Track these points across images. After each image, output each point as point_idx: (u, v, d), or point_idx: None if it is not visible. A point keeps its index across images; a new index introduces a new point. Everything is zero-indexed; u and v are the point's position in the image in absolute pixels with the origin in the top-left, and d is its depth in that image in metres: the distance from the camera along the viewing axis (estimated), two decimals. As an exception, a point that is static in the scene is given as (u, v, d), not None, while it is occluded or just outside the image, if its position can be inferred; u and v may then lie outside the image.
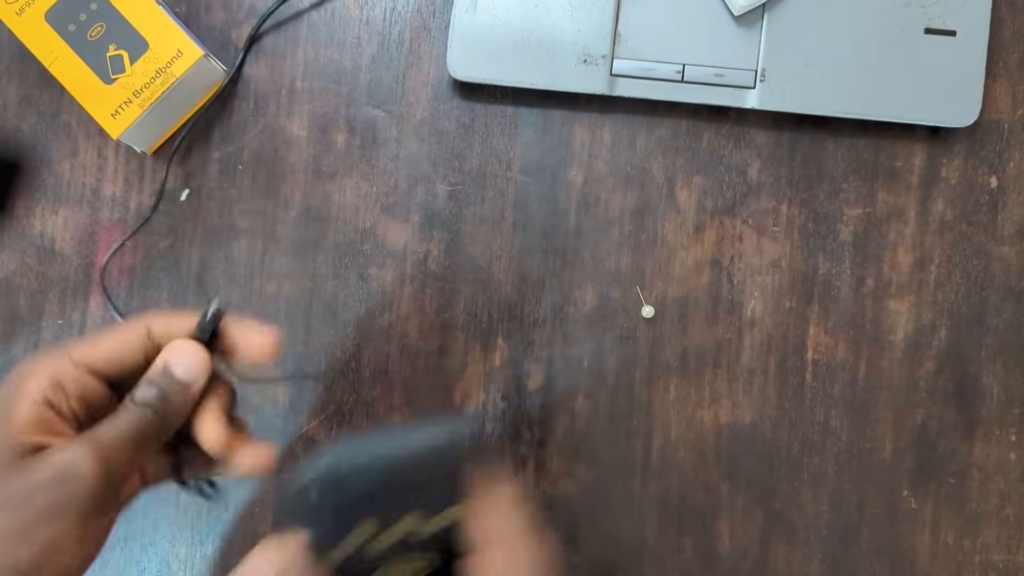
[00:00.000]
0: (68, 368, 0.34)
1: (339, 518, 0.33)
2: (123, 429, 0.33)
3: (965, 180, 0.50)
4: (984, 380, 0.50)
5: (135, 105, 0.46)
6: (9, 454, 0.32)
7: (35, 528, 0.31)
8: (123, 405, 0.34)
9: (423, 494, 0.33)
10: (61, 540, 0.32)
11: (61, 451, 0.32)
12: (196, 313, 0.36)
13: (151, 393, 0.34)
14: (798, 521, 0.50)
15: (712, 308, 0.50)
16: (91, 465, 0.32)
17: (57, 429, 0.33)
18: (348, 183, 0.50)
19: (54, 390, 0.34)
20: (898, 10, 0.48)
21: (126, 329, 0.36)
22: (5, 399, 0.34)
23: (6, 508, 0.31)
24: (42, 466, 0.32)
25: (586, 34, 0.48)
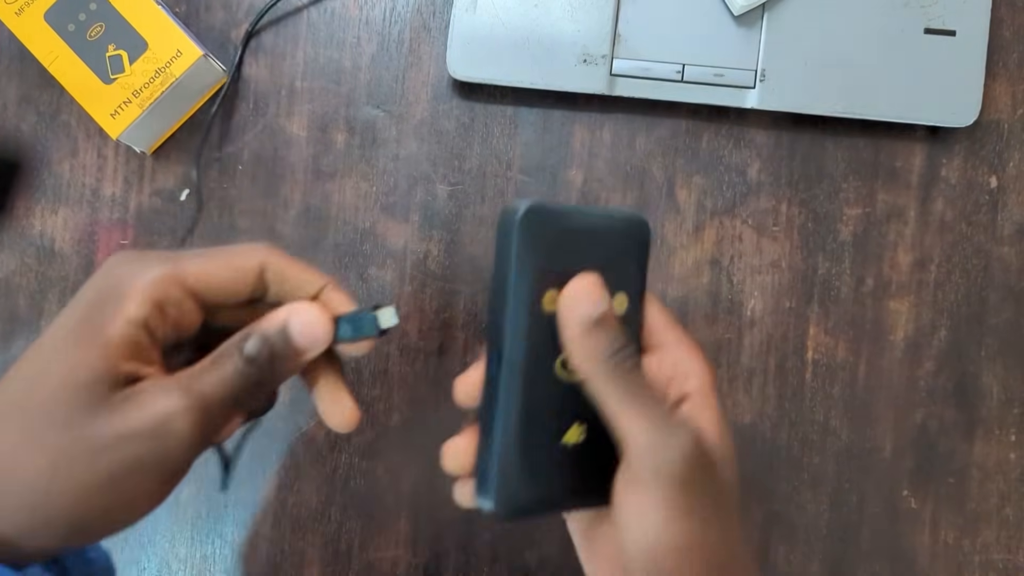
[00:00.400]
0: (175, 290, 0.30)
1: (532, 253, 0.31)
2: (226, 380, 0.30)
3: (965, 180, 0.50)
4: (984, 380, 0.50)
5: (134, 105, 0.46)
6: (100, 384, 0.28)
7: (117, 480, 0.28)
8: (224, 354, 0.30)
9: (611, 266, 0.33)
10: (138, 495, 0.29)
11: (158, 398, 0.29)
12: (311, 267, 0.33)
13: (261, 350, 0.31)
14: (798, 521, 0.50)
15: (712, 308, 0.50)
16: (190, 422, 0.29)
17: (148, 357, 0.30)
18: (348, 183, 0.50)
19: (154, 312, 0.30)
20: (898, 10, 0.48)
21: (240, 256, 0.32)
22: (98, 305, 0.30)
23: (91, 453, 0.28)
24: (136, 412, 0.28)
25: (586, 34, 0.48)
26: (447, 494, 0.50)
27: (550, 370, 0.32)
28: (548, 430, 0.32)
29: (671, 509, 0.29)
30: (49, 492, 0.28)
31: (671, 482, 0.29)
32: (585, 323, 0.31)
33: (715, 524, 0.30)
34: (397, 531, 0.50)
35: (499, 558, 0.50)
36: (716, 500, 0.31)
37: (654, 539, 0.30)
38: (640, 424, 0.30)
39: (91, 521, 0.29)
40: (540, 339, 0.31)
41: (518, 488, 0.32)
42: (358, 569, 0.50)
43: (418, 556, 0.50)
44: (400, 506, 0.50)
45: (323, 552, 0.50)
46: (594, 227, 0.33)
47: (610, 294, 0.32)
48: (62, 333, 0.30)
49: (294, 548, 0.50)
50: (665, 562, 0.30)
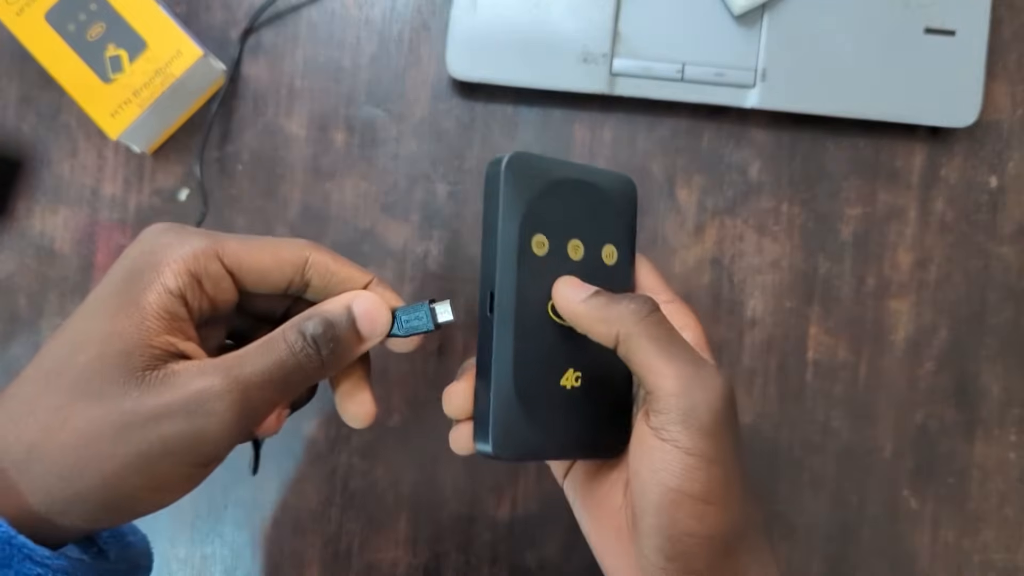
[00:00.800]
0: (214, 265, 0.30)
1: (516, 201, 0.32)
2: (274, 365, 0.29)
3: (965, 180, 0.50)
4: (984, 380, 0.50)
5: (134, 105, 0.46)
6: (136, 358, 0.28)
7: (150, 461, 0.28)
8: (275, 339, 0.30)
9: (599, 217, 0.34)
10: (171, 478, 0.28)
11: (196, 377, 0.28)
12: (355, 264, 0.33)
13: (325, 331, 0.30)
14: (798, 521, 0.50)
15: (713, 308, 0.50)
16: (229, 404, 0.28)
17: (184, 331, 0.29)
18: (348, 182, 0.50)
19: (192, 284, 0.29)
20: (898, 10, 0.48)
21: (285, 247, 0.32)
22: (135, 275, 0.29)
23: (124, 430, 0.27)
24: (173, 391, 0.28)
25: (586, 33, 0.48)
26: (447, 494, 0.50)
27: (543, 313, 0.33)
28: (544, 373, 0.33)
29: (696, 458, 0.29)
30: (80, 467, 0.27)
31: (699, 431, 0.29)
32: (590, 300, 0.31)
33: (737, 477, 0.30)
34: (397, 531, 0.50)
35: (499, 558, 0.50)
36: (738, 452, 0.31)
37: (676, 487, 0.29)
38: (670, 372, 0.30)
39: (121, 500, 0.28)
40: (530, 282, 0.32)
41: (516, 429, 0.32)
42: (358, 569, 0.50)
43: (418, 556, 0.50)
44: (400, 506, 0.50)
45: (323, 552, 0.50)
46: (580, 179, 0.34)
47: (598, 244, 0.34)
48: (99, 302, 0.29)
49: (294, 548, 0.50)
50: (683, 511, 0.29)
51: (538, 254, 0.32)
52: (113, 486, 0.28)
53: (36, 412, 0.28)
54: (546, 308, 0.33)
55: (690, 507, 0.29)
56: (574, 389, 0.33)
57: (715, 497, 0.30)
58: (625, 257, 0.35)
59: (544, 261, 0.33)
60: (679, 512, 0.29)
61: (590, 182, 0.34)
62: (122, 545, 0.33)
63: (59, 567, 0.28)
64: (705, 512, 0.30)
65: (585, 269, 0.33)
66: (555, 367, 0.33)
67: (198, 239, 0.30)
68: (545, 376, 0.33)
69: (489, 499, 0.50)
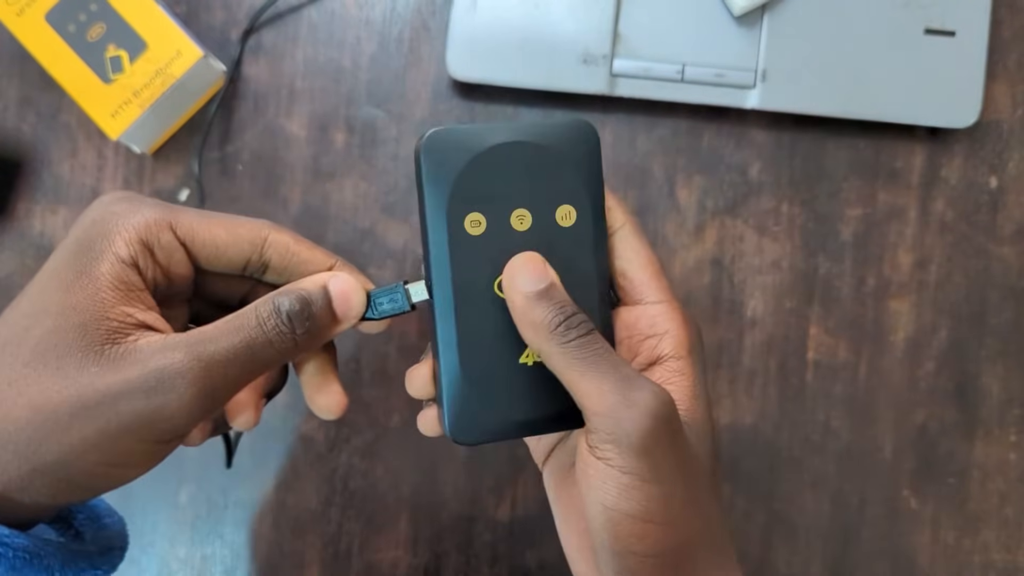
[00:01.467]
0: (167, 236, 0.29)
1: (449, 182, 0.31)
2: (241, 342, 0.28)
3: (965, 180, 0.50)
4: (984, 380, 0.50)
5: (134, 105, 0.46)
6: (93, 331, 0.27)
7: (108, 438, 0.27)
8: (242, 316, 0.29)
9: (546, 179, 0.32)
10: (131, 456, 0.28)
11: (157, 352, 0.27)
12: (319, 247, 0.32)
13: (302, 309, 0.29)
14: (799, 521, 0.50)
15: (713, 308, 0.50)
16: (191, 381, 0.27)
17: (143, 299, 0.29)
18: (347, 183, 0.50)
19: (144, 253, 0.29)
20: (898, 10, 0.48)
21: (245, 226, 0.31)
22: (87, 244, 0.28)
23: (82, 407, 0.26)
24: (133, 367, 0.27)
25: (586, 34, 0.48)
26: (447, 494, 0.50)
27: (488, 291, 0.31)
28: (498, 353, 0.31)
29: (630, 477, 0.28)
30: (37, 442, 0.27)
31: (629, 450, 0.28)
32: (528, 297, 0.30)
33: (679, 494, 0.29)
34: (397, 532, 0.50)
35: (499, 559, 0.50)
36: (682, 470, 0.30)
37: (612, 506, 0.29)
38: (595, 392, 0.29)
39: (80, 476, 0.28)
40: (470, 263, 0.31)
41: (471, 413, 0.31)
42: (358, 570, 0.50)
43: (418, 557, 0.50)
44: (400, 507, 0.50)
45: (323, 553, 0.50)
46: (517, 141, 0.31)
47: (550, 207, 0.31)
48: (53, 274, 0.28)
49: (294, 549, 0.50)
50: (622, 530, 0.29)
51: (474, 233, 0.31)
52: (70, 463, 0.27)
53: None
54: (492, 287, 0.31)
55: (629, 526, 0.29)
56: (536, 364, 0.32)
57: (655, 516, 0.29)
58: (587, 214, 0.32)
59: (484, 239, 0.31)
60: (619, 530, 0.29)
61: (530, 142, 0.31)
62: (97, 527, 0.33)
63: (19, 546, 0.27)
64: (645, 531, 0.29)
65: (536, 238, 0.31)
66: (511, 345, 0.31)
67: (151, 209, 0.30)
68: (500, 356, 0.31)
69: (489, 499, 0.50)
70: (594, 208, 0.32)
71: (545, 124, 0.32)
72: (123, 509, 0.49)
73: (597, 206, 0.32)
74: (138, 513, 0.50)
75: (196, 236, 0.30)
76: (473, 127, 0.31)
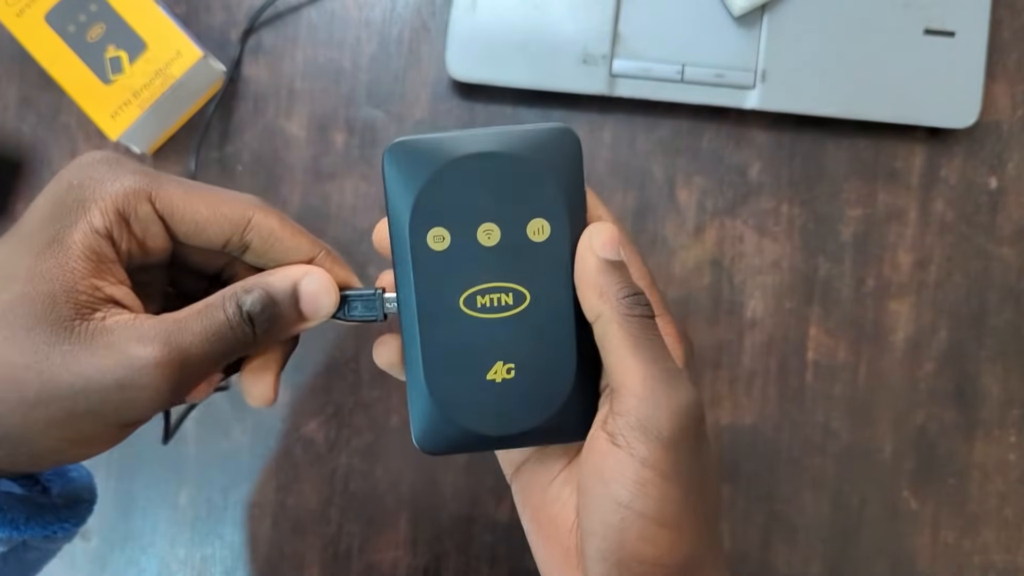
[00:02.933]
0: (145, 208, 0.28)
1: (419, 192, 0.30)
2: (213, 336, 0.28)
3: (965, 181, 0.50)
4: (984, 380, 0.50)
5: (134, 106, 0.46)
6: (64, 304, 0.26)
7: (74, 419, 0.26)
8: (213, 306, 0.28)
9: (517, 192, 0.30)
10: (93, 437, 0.27)
11: (132, 341, 0.26)
12: (306, 233, 0.31)
13: (264, 309, 0.28)
14: (799, 522, 0.50)
15: (713, 309, 0.50)
16: (166, 376, 0.26)
17: (113, 272, 0.28)
18: (347, 183, 0.50)
19: (119, 224, 0.28)
20: (898, 11, 0.48)
21: (229, 202, 0.30)
22: (61, 209, 0.27)
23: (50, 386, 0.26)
24: (106, 352, 0.26)
25: (586, 34, 0.48)
26: (447, 495, 0.50)
27: (454, 307, 0.30)
28: (464, 368, 0.31)
29: (651, 471, 0.27)
30: (1, 413, 0.26)
31: (658, 441, 0.27)
32: (603, 260, 0.29)
33: (694, 502, 0.28)
34: (397, 532, 0.50)
35: (499, 560, 0.50)
36: (700, 477, 0.29)
37: (627, 503, 0.27)
38: (641, 373, 0.28)
39: (42, 451, 0.27)
40: (434, 279, 0.30)
41: (436, 426, 0.31)
42: (358, 570, 0.50)
43: (418, 558, 0.50)
44: (400, 507, 0.50)
45: (323, 554, 0.50)
46: (487, 152, 0.30)
47: (520, 221, 0.30)
48: (24, 237, 0.27)
49: (294, 549, 0.50)
50: (632, 534, 0.27)
51: (437, 249, 0.30)
52: (32, 438, 0.27)
53: None
54: (458, 303, 0.30)
55: (640, 528, 0.27)
56: (505, 382, 0.31)
57: (669, 519, 0.27)
58: (562, 227, 0.30)
59: (447, 255, 0.30)
60: (628, 533, 0.27)
61: (501, 152, 0.30)
62: (64, 480, 0.32)
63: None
64: (657, 535, 0.27)
65: (503, 254, 0.30)
66: (478, 362, 0.31)
67: (132, 177, 0.28)
68: (467, 372, 0.31)
69: (489, 500, 0.50)
70: (572, 221, 0.31)
71: (521, 132, 0.30)
72: (123, 510, 0.50)
73: (576, 219, 0.31)
74: (138, 514, 0.50)
75: (175, 211, 0.29)
76: (442, 136, 0.30)
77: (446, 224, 0.30)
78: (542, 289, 0.30)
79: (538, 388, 0.31)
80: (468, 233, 0.30)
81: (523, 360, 0.31)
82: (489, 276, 0.30)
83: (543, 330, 0.31)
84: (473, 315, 0.30)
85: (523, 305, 0.31)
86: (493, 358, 0.31)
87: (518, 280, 0.30)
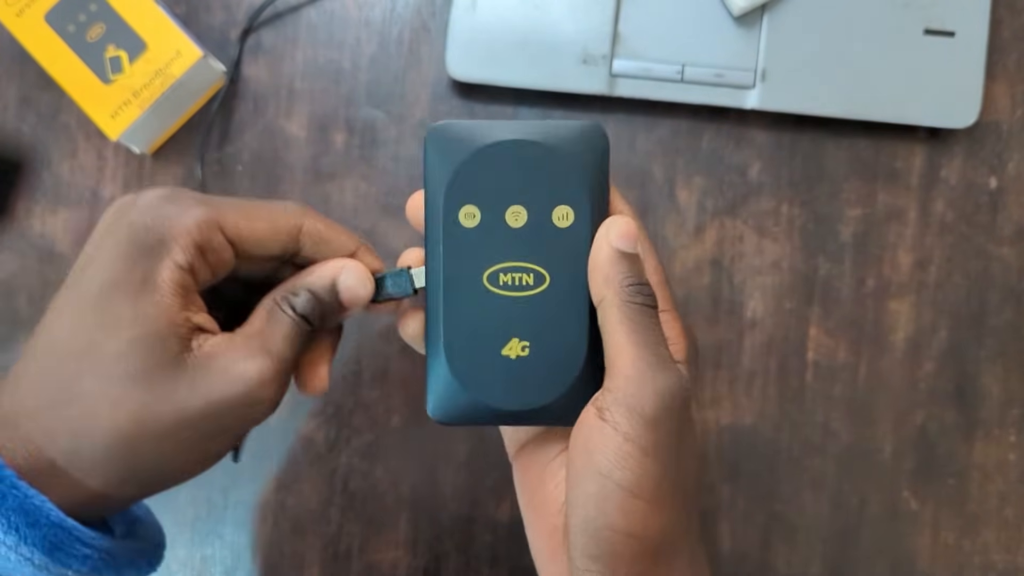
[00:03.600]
0: (218, 238, 0.31)
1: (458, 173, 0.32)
2: (289, 340, 0.31)
3: (965, 181, 0.50)
4: (984, 381, 0.50)
5: (134, 106, 0.46)
6: (167, 340, 0.29)
7: (203, 441, 0.29)
8: (274, 310, 0.31)
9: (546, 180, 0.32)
10: (213, 455, 0.30)
11: (245, 364, 0.29)
12: (344, 229, 0.34)
13: (314, 308, 0.31)
14: (799, 522, 0.50)
15: (712, 309, 0.50)
16: (278, 386, 0.30)
17: (195, 301, 0.30)
18: (347, 183, 0.50)
19: (198, 257, 0.30)
20: (898, 11, 0.48)
21: (280, 214, 0.32)
22: (142, 250, 0.29)
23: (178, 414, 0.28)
24: (222, 374, 0.29)
25: (586, 34, 0.48)
26: (447, 495, 0.50)
27: (477, 282, 0.32)
28: (482, 343, 0.32)
29: (631, 445, 0.29)
30: (139, 449, 0.28)
31: (641, 419, 0.29)
32: (615, 249, 0.31)
33: (671, 478, 0.29)
34: (397, 533, 0.50)
35: (499, 560, 0.50)
36: (679, 457, 0.30)
37: (606, 473, 0.29)
38: (633, 355, 0.29)
39: (173, 472, 0.30)
40: (462, 253, 0.32)
41: (451, 397, 0.33)
42: (358, 570, 0.50)
43: (418, 558, 0.50)
44: (400, 507, 0.50)
45: (323, 554, 0.50)
46: (521, 139, 0.32)
47: (547, 207, 0.32)
48: (114, 284, 0.29)
49: (294, 549, 0.50)
50: (609, 504, 0.29)
51: (467, 226, 0.32)
52: (167, 462, 0.29)
53: (79, 398, 0.28)
54: (481, 279, 0.32)
55: (618, 498, 0.29)
56: (520, 359, 0.32)
57: (645, 492, 0.29)
58: (585, 216, 0.32)
59: (476, 232, 0.32)
60: (606, 503, 0.29)
61: (535, 141, 0.32)
62: (144, 524, 0.35)
63: (103, 547, 0.29)
64: (633, 507, 0.29)
65: (529, 236, 0.32)
66: (495, 337, 0.32)
67: (199, 209, 0.30)
68: (483, 346, 0.32)
69: (489, 500, 0.50)
70: (594, 211, 0.32)
71: (555, 125, 0.32)
72: (123, 510, 0.49)
73: (599, 210, 0.32)
74: (138, 514, 0.50)
75: (241, 233, 0.31)
76: (482, 123, 0.32)
77: (478, 203, 0.32)
78: (561, 273, 0.32)
79: (549, 368, 0.32)
80: (497, 213, 0.32)
81: (537, 339, 0.32)
82: (513, 255, 0.32)
83: (559, 312, 0.32)
84: (495, 292, 0.32)
85: (543, 286, 0.32)
86: (509, 334, 0.32)
87: (540, 262, 0.32)
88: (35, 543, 0.27)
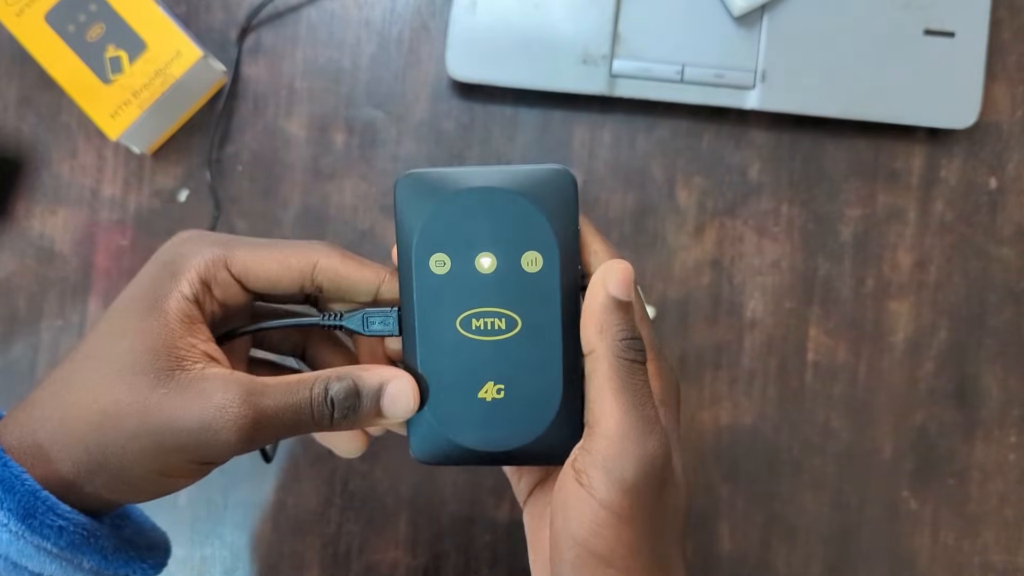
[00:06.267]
0: (223, 275, 0.32)
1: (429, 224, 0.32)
2: (291, 407, 0.31)
3: (964, 181, 0.50)
4: (984, 381, 0.50)
5: (134, 106, 0.46)
6: (165, 357, 0.30)
7: (162, 452, 0.30)
8: (304, 382, 0.31)
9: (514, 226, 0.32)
10: (177, 470, 0.31)
11: (219, 392, 0.30)
12: (368, 264, 0.34)
13: (348, 397, 0.31)
14: (798, 522, 0.50)
15: (712, 309, 0.50)
16: (239, 428, 0.30)
17: (200, 331, 0.32)
18: (347, 183, 0.50)
19: (203, 291, 0.32)
20: (898, 11, 0.48)
21: (293, 254, 0.33)
22: (160, 280, 0.32)
23: (148, 420, 0.30)
24: (196, 398, 0.30)
25: (586, 34, 0.48)
26: (447, 495, 0.50)
27: (450, 328, 0.33)
28: (457, 386, 0.33)
29: (607, 513, 0.29)
30: (104, 444, 0.30)
31: (620, 485, 0.29)
32: (611, 298, 0.30)
33: (648, 546, 0.30)
34: (396, 533, 0.50)
35: (499, 560, 0.50)
36: (657, 525, 0.30)
37: (581, 541, 0.29)
38: (618, 415, 0.29)
39: (136, 480, 0.31)
40: (434, 300, 0.33)
41: (430, 439, 0.33)
42: (357, 571, 0.50)
43: (418, 558, 0.50)
44: (399, 508, 0.50)
45: (322, 554, 0.50)
46: (488, 187, 0.32)
47: (515, 252, 0.32)
48: (132, 302, 0.32)
49: (293, 550, 0.50)
50: (583, 571, 0.29)
51: (438, 273, 0.32)
52: (128, 466, 0.30)
53: (73, 388, 0.31)
54: (454, 324, 0.33)
55: (592, 567, 0.29)
56: (495, 401, 0.33)
57: (618, 560, 0.29)
58: (553, 260, 0.32)
59: (447, 279, 0.32)
60: (580, 571, 0.29)
61: (502, 187, 0.32)
62: (146, 531, 0.36)
63: (79, 523, 0.30)
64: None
65: (499, 281, 0.32)
66: (471, 380, 0.33)
67: (210, 249, 0.33)
68: (459, 389, 0.33)
69: (489, 500, 0.50)
70: (563, 255, 0.33)
71: (522, 170, 0.33)
72: (122, 510, 0.49)
73: (568, 253, 0.33)
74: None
75: (248, 271, 0.33)
76: (450, 171, 0.33)
77: (447, 251, 0.32)
78: (533, 317, 0.33)
79: (525, 410, 0.33)
80: (467, 260, 0.33)
81: (512, 382, 0.33)
82: (484, 301, 0.33)
83: (532, 356, 0.33)
84: (468, 336, 0.33)
85: (515, 330, 0.33)
86: (484, 378, 0.33)
87: (511, 307, 0.33)
88: (10, 508, 0.29)
